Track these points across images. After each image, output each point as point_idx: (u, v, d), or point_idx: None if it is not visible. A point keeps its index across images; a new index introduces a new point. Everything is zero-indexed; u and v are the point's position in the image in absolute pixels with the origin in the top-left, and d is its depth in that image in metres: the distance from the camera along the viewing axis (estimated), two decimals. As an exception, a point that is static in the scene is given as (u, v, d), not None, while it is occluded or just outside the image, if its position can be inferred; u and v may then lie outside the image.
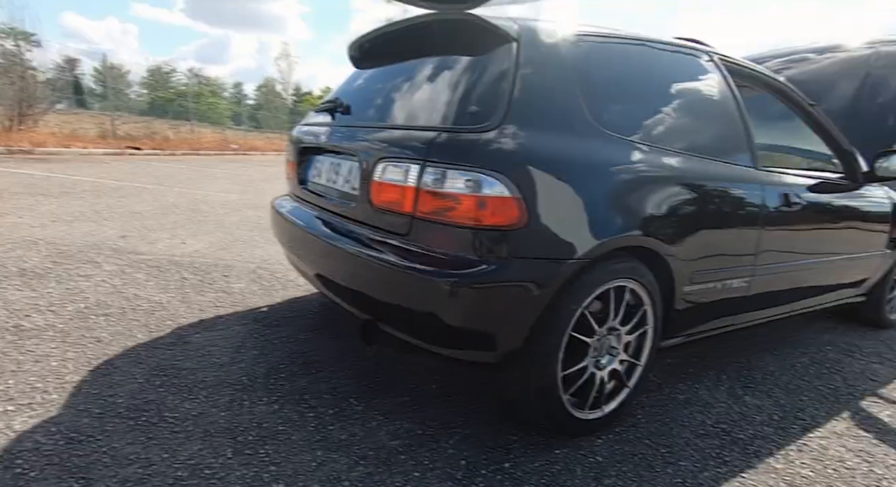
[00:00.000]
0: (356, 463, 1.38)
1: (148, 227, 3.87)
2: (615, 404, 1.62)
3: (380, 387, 1.78)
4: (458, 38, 1.57)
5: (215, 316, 2.30)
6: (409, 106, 1.62)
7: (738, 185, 1.83)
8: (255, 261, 3.20)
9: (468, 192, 1.29)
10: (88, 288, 2.47)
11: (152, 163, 9.11)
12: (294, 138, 2.14)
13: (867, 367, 2.40)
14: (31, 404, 1.51)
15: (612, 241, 1.41)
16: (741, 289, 1.92)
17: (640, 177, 1.52)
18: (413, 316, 1.39)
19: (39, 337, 1.92)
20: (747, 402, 1.94)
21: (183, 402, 1.59)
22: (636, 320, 1.59)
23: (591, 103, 1.49)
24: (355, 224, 1.60)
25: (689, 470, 1.49)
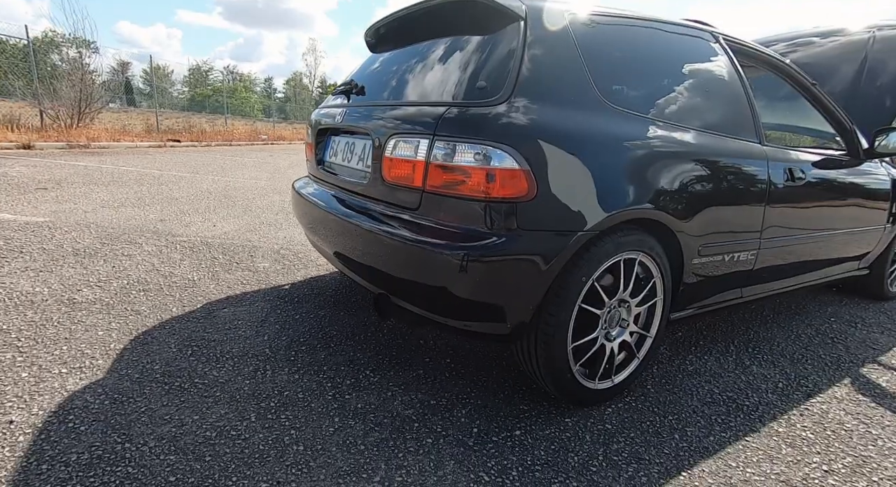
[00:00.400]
0: (371, 429, 1.33)
1: (184, 212, 3.85)
2: (625, 375, 1.54)
3: (394, 361, 1.72)
4: (467, 19, 1.46)
5: (242, 292, 2.27)
6: (420, 84, 1.52)
7: (743, 161, 1.70)
8: (279, 243, 3.15)
9: (477, 165, 1.20)
10: (131, 266, 2.46)
11: (190, 153, 9.14)
12: (312, 121, 2.06)
13: (868, 337, 2.27)
14: (82, 368, 1.50)
15: (620, 214, 1.31)
16: (747, 262, 1.80)
17: (647, 151, 1.40)
18: (424, 289, 1.32)
19: (89, 310, 1.91)
20: (754, 372, 1.83)
21: (211, 370, 1.56)
22: (646, 292, 1.49)
23: (599, 79, 1.38)
24: (369, 200, 1.53)
25: (695, 436, 1.41)
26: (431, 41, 1.57)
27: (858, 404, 1.67)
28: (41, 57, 10.27)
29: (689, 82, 1.65)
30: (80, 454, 1.14)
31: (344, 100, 1.83)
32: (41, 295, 2.02)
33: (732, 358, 1.95)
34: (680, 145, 1.49)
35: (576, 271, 1.28)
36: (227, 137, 12.75)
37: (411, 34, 1.69)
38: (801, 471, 1.30)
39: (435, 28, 1.56)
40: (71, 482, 1.06)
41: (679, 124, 1.52)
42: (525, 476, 1.20)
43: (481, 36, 1.40)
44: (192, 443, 1.21)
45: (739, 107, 1.77)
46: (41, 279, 2.19)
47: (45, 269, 2.32)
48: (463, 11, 1.45)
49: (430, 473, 1.19)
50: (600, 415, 1.48)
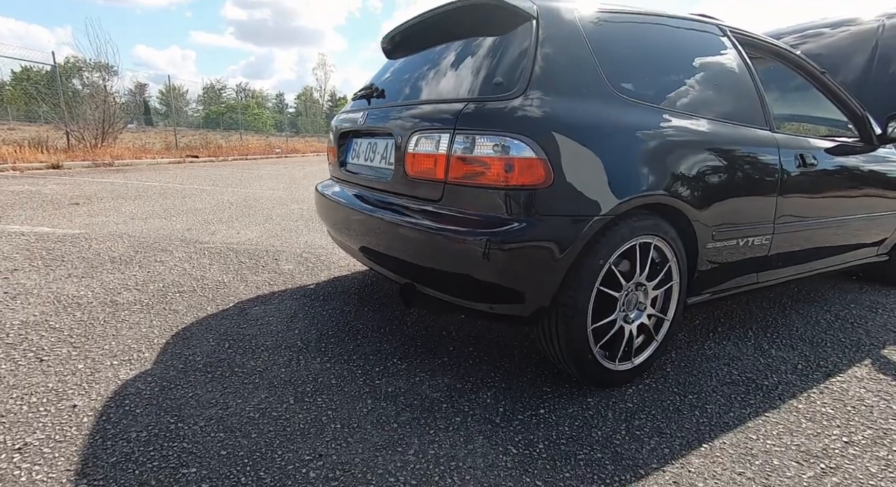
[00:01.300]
0: (403, 410, 1.41)
1: (208, 221, 4.01)
2: (644, 356, 1.60)
3: (420, 350, 1.80)
4: (481, 20, 1.55)
5: (270, 292, 2.38)
6: (439, 84, 1.62)
7: (753, 148, 1.76)
8: (301, 247, 3.27)
9: (496, 156, 1.28)
10: (164, 271, 2.59)
11: (208, 168, 9.42)
12: (334, 126, 2.17)
13: (889, 321, 2.28)
14: (131, 360, 1.62)
15: (634, 199, 1.38)
16: (762, 247, 1.85)
17: (658, 139, 1.47)
18: (449, 275, 1.40)
19: (130, 310, 2.04)
20: (773, 355, 1.87)
21: (248, 360, 1.66)
22: (662, 276, 1.55)
23: (610, 72, 1.46)
24: (393, 195, 1.62)
25: (715, 413, 1.46)
26: (447, 44, 1.67)
27: (879, 382, 1.69)
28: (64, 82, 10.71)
29: (697, 73, 1.72)
30: (139, 432, 1.24)
31: (364, 104, 1.94)
32: (86, 298, 2.16)
33: (751, 342, 1.99)
34: (690, 133, 1.56)
35: (593, 254, 1.35)
36: (243, 152, 13.10)
37: (427, 38, 1.80)
38: (820, 443, 1.34)
39: (450, 31, 1.67)
40: (133, 455, 1.16)
41: (689, 113, 1.59)
42: (551, 449, 1.27)
43: (495, 36, 1.50)
44: (238, 423, 1.31)
45: (748, 97, 1.83)
46: (84, 284, 2.33)
47: (87, 275, 2.46)
48: (477, 14, 1.55)
49: (461, 447, 1.26)
50: (621, 395, 1.54)
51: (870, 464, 1.26)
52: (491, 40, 1.50)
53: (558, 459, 1.23)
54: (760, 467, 1.23)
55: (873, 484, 1.18)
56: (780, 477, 1.19)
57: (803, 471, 1.22)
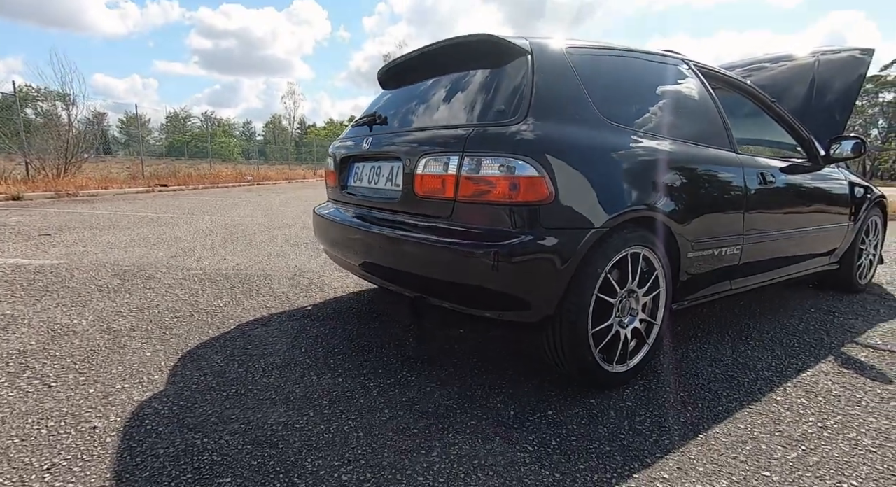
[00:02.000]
0: (420, 417, 1.48)
1: (191, 249, 3.98)
2: (638, 359, 1.73)
3: (426, 363, 1.88)
4: (479, 54, 1.72)
5: (268, 314, 2.41)
6: (443, 111, 1.76)
7: (722, 166, 1.97)
8: (292, 271, 3.30)
9: (502, 175, 1.42)
10: (156, 297, 2.57)
11: (179, 197, 9.25)
12: (333, 152, 2.28)
13: (845, 322, 2.51)
14: (141, 382, 1.62)
15: (625, 213, 1.54)
16: (734, 257, 2.05)
17: (643, 159, 1.65)
18: (461, 286, 1.51)
19: (130, 335, 2.03)
20: (749, 355, 2.04)
21: (261, 378, 1.69)
22: (650, 283, 1.70)
23: (596, 100, 1.64)
24: (401, 214, 1.73)
25: (706, 407, 1.59)
26: (447, 75, 1.83)
27: (843, 375, 1.88)
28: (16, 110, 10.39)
29: (670, 100, 1.94)
30: (165, 448, 1.26)
31: (366, 131, 2.06)
32: (81, 325, 2.13)
33: (728, 345, 2.16)
34: (669, 154, 1.75)
35: (592, 263, 1.49)
36: (213, 180, 12.92)
37: (427, 70, 1.95)
38: (799, 429, 1.49)
39: (450, 64, 1.83)
40: (165, 469, 1.18)
41: (667, 137, 1.79)
42: (563, 445, 1.36)
43: (493, 68, 1.66)
44: (263, 436, 1.34)
45: (714, 121, 2.06)
46: (75, 312, 2.30)
47: (77, 304, 2.42)
48: (476, 49, 1.72)
49: (480, 447, 1.34)
50: (620, 395, 1.66)
51: (842, 444, 1.41)
52: (490, 72, 1.67)
53: (571, 453, 1.32)
54: (751, 451, 1.36)
55: (846, 461, 1.33)
56: (769, 459, 1.33)
57: (788, 453, 1.36)
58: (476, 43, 1.69)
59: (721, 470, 1.27)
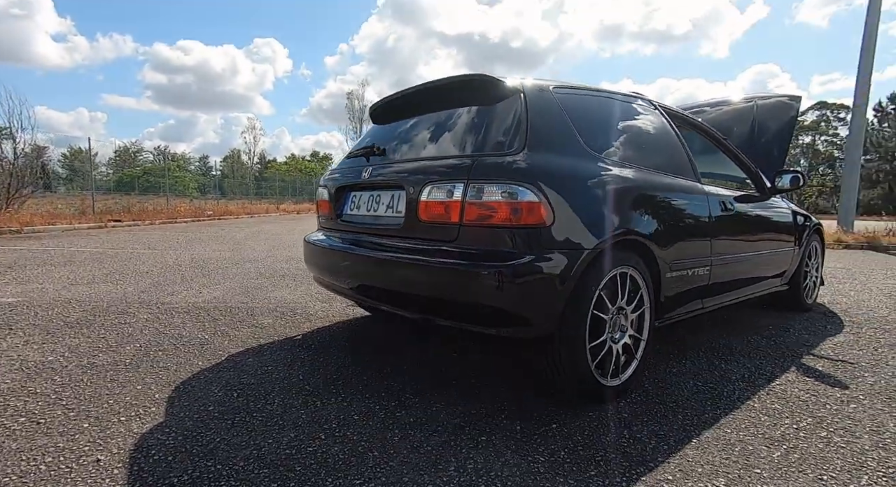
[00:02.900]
0: (431, 436, 1.51)
1: (161, 283, 3.85)
2: (629, 372, 1.84)
3: (427, 386, 1.91)
4: (475, 92, 1.88)
5: (258, 345, 2.37)
6: (444, 143, 1.88)
7: (692, 195, 2.20)
8: (273, 302, 3.26)
9: (505, 201, 1.54)
10: (135, 332, 2.48)
11: (136, 232, 8.88)
12: (326, 183, 2.36)
13: (800, 337, 2.75)
14: (139, 415, 1.57)
15: (613, 236, 1.69)
16: (704, 277, 2.24)
17: (625, 186, 1.83)
18: (467, 305, 1.59)
19: (115, 370, 1.95)
20: (723, 368, 2.20)
21: (265, 405, 1.67)
22: (637, 301, 1.84)
23: (582, 133, 1.82)
24: (403, 239, 1.81)
25: (694, 415, 1.71)
26: (444, 110, 1.97)
27: (806, 383, 2.07)
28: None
29: (644, 135, 2.17)
30: (179, 476, 1.23)
31: (362, 162, 2.16)
32: (58, 362, 2.03)
33: (704, 360, 2.32)
34: (647, 182, 1.94)
35: (587, 281, 1.61)
36: (171, 215, 12.47)
37: (424, 106, 2.09)
38: (778, 430, 1.63)
39: (447, 100, 1.98)
40: (184, 497, 1.15)
41: (643, 166, 1.99)
42: (573, 455, 1.43)
43: (489, 105, 1.82)
44: (278, 459, 1.33)
45: (680, 155, 2.30)
46: (48, 349, 2.18)
47: (47, 341, 2.30)
48: (472, 87, 1.88)
49: (494, 460, 1.38)
50: (615, 408, 1.75)
51: (817, 442, 1.56)
52: (486, 108, 1.82)
53: (581, 462, 1.39)
54: (740, 452, 1.48)
55: (823, 456, 1.47)
56: (757, 458, 1.44)
57: (772, 452, 1.48)
58: (473, 82, 1.85)
59: (717, 470, 1.37)
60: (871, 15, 9.67)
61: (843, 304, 3.71)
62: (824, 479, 1.34)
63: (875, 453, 1.49)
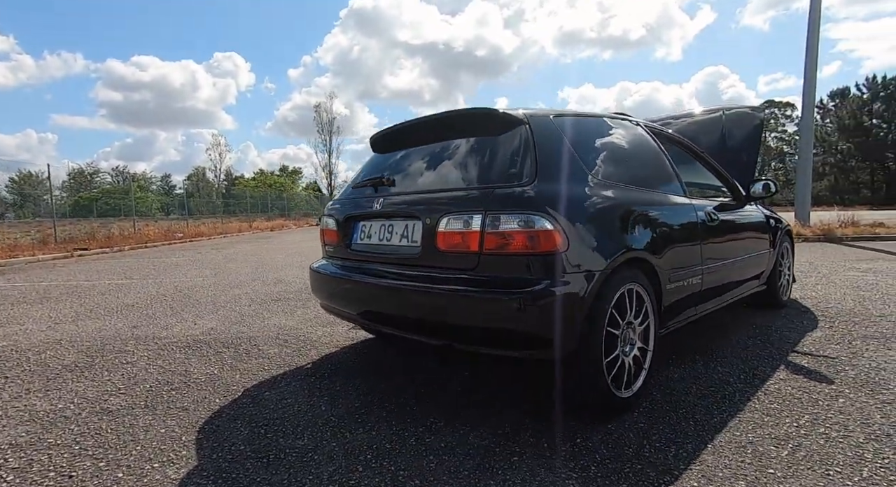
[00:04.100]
0: (465, 459, 1.57)
1: (151, 316, 3.75)
2: (639, 383, 1.95)
3: (450, 409, 1.96)
4: (480, 125, 1.97)
5: (270, 377, 2.37)
6: (454, 174, 1.96)
7: (683, 208, 2.34)
8: (273, 330, 3.24)
9: (523, 230, 1.63)
10: (140, 372, 2.43)
11: (106, 261, 8.55)
12: (332, 213, 2.39)
13: (783, 335, 2.94)
14: (171, 460, 1.56)
15: (621, 255, 1.79)
16: (697, 285, 2.39)
17: (628, 207, 1.95)
18: (489, 330, 1.66)
19: (131, 414, 1.91)
20: (720, 371, 2.34)
21: (295, 441, 1.69)
22: (643, 315, 1.96)
23: (584, 159, 1.93)
24: (421, 268, 1.86)
25: (704, 419, 1.82)
26: (451, 142, 2.05)
27: (797, 381, 2.22)
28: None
29: (637, 155, 2.31)
30: (232, 522, 1.24)
31: (371, 192, 2.21)
32: (69, 410, 1.98)
33: (700, 365, 2.46)
34: (646, 201, 2.07)
35: (601, 301, 1.71)
36: (140, 240, 12.07)
37: (426, 137, 2.17)
38: (781, 430, 1.76)
39: (453, 132, 2.06)
40: (243, 543, 1.17)
41: (640, 186, 2.13)
42: (602, 468, 1.51)
43: (495, 136, 1.91)
44: (324, 497, 1.36)
45: (668, 171, 2.45)
46: (55, 397, 2.12)
47: (51, 388, 2.23)
48: (477, 120, 1.97)
49: (530, 480, 1.45)
50: (631, 418, 1.85)
51: (818, 439, 1.69)
52: (493, 140, 1.91)
53: (611, 475, 1.47)
54: (752, 453, 1.59)
55: (825, 452, 1.60)
56: (768, 458, 1.56)
57: (780, 452, 1.61)
58: (479, 115, 1.94)
59: (736, 473, 1.48)
60: (813, 18, 10.38)
61: (814, 298, 3.97)
62: (831, 474, 1.46)
63: (870, 445, 1.63)
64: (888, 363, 2.40)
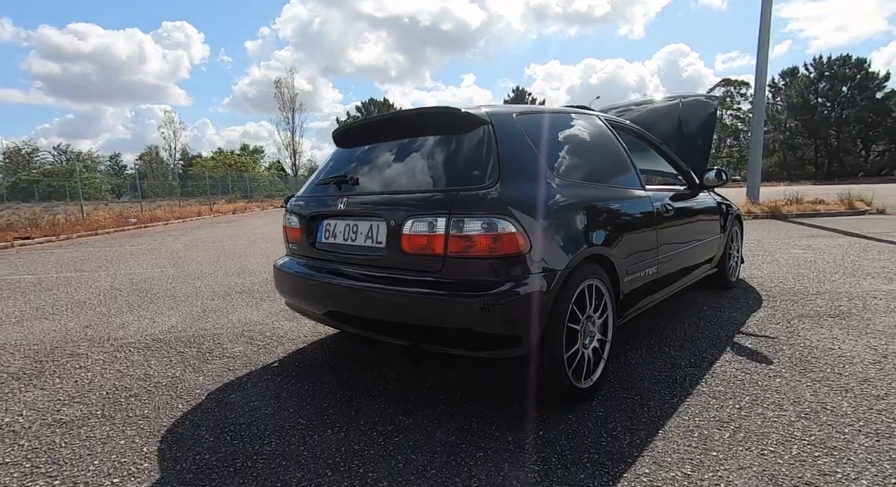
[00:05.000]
0: (433, 458, 1.61)
1: (106, 314, 3.59)
2: (598, 373, 2.04)
3: (417, 405, 2.00)
4: (443, 123, 1.95)
5: (235, 378, 2.33)
6: (419, 175, 1.94)
7: (637, 202, 2.41)
8: (238, 326, 3.18)
9: (486, 232, 1.65)
10: (95, 377, 2.34)
11: (53, 250, 8.06)
12: (296, 210, 2.33)
13: (730, 316, 3.13)
14: (132, 473, 1.53)
15: (581, 253, 1.85)
16: (653, 274, 2.49)
17: (588, 204, 2.00)
18: (455, 331, 1.69)
19: (87, 425, 1.85)
20: (673, 355, 2.48)
21: (262, 446, 1.69)
22: (601, 308, 2.03)
23: (544, 157, 1.96)
24: (387, 270, 1.86)
25: (657, 405, 1.94)
26: (415, 140, 2.02)
27: (740, 362, 2.38)
28: None
29: (596, 150, 2.35)
30: (199, 538, 1.24)
31: (334, 190, 2.16)
32: (18, 423, 1.89)
33: (655, 349, 2.60)
34: (605, 197, 2.13)
35: (563, 299, 1.77)
36: (90, 226, 11.39)
37: (390, 134, 2.13)
38: (725, 412, 1.89)
39: (416, 130, 2.03)
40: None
41: (598, 182, 2.17)
42: (562, 459, 1.59)
43: (458, 135, 1.90)
44: (293, 505, 1.37)
45: (627, 165, 2.51)
46: (1, 409, 2.02)
47: (-3, 398, 2.12)
48: (440, 118, 1.95)
49: (495, 475, 1.51)
50: (590, 407, 1.94)
51: (756, 419, 1.83)
52: (456, 139, 1.90)
53: (570, 466, 1.56)
54: (699, 437, 1.71)
55: (761, 432, 1.74)
56: (713, 442, 1.68)
57: (723, 434, 1.73)
58: (442, 115, 1.92)
59: (683, 458, 1.59)
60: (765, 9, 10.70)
61: (759, 278, 4.23)
62: (765, 454, 1.60)
63: (800, 423, 1.78)
64: (819, 341, 2.61)
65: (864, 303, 3.30)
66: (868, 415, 1.81)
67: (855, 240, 6.31)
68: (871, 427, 1.72)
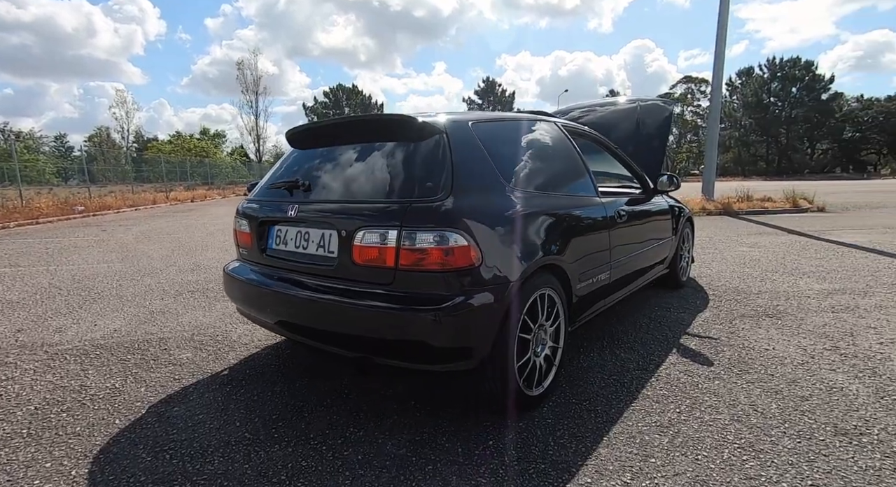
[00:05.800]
0: (381, 472, 1.60)
1: (40, 315, 3.37)
2: (549, 380, 2.08)
3: (369, 416, 1.98)
4: (399, 131, 1.90)
5: (181, 388, 2.24)
6: (372, 183, 1.88)
7: (591, 209, 2.46)
8: (189, 330, 3.05)
9: (437, 246, 1.63)
10: (24, 390, 2.19)
11: (-13, 241, 7.49)
12: (247, 213, 2.24)
13: (678, 317, 3.26)
14: (60, 506, 1.43)
15: (533, 263, 1.86)
16: (605, 279, 2.55)
17: (542, 215, 2.01)
18: (406, 345, 1.67)
19: (9, 446, 1.73)
20: (623, 358, 2.56)
21: (204, 466, 1.63)
22: (554, 316, 2.06)
23: (499, 167, 1.95)
24: (338, 280, 1.82)
25: (604, 411, 2.00)
26: (370, 146, 1.97)
27: (684, 364, 2.49)
28: None
29: (551, 158, 2.37)
30: (129, 572, 1.19)
31: (285, 195, 2.09)
32: (-67, 444, 1.75)
33: (607, 351, 2.67)
34: (558, 207, 2.15)
35: (514, 310, 1.78)
36: (30, 215, 10.65)
37: (344, 138, 2.07)
38: (666, 416, 1.97)
39: (372, 136, 1.98)
40: None
41: (552, 191, 2.19)
42: (509, 471, 1.61)
43: (415, 145, 1.86)
44: (233, 530, 1.33)
45: (582, 173, 2.55)
46: (-85, 428, 1.86)
47: None
48: (396, 126, 1.90)
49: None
50: (540, 414, 1.98)
51: (693, 423, 1.92)
52: (411, 148, 1.86)
53: (516, 477, 1.58)
54: (639, 443, 1.78)
55: (697, 436, 1.82)
56: (653, 448, 1.75)
57: (663, 439, 1.80)
58: (397, 122, 1.88)
59: (624, 466, 1.65)
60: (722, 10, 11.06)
61: (707, 277, 4.42)
62: (699, 459, 1.67)
63: (732, 426, 1.87)
64: (757, 342, 2.76)
65: (799, 303, 3.51)
66: (793, 417, 1.93)
67: (796, 239, 6.70)
68: (795, 429, 1.83)
